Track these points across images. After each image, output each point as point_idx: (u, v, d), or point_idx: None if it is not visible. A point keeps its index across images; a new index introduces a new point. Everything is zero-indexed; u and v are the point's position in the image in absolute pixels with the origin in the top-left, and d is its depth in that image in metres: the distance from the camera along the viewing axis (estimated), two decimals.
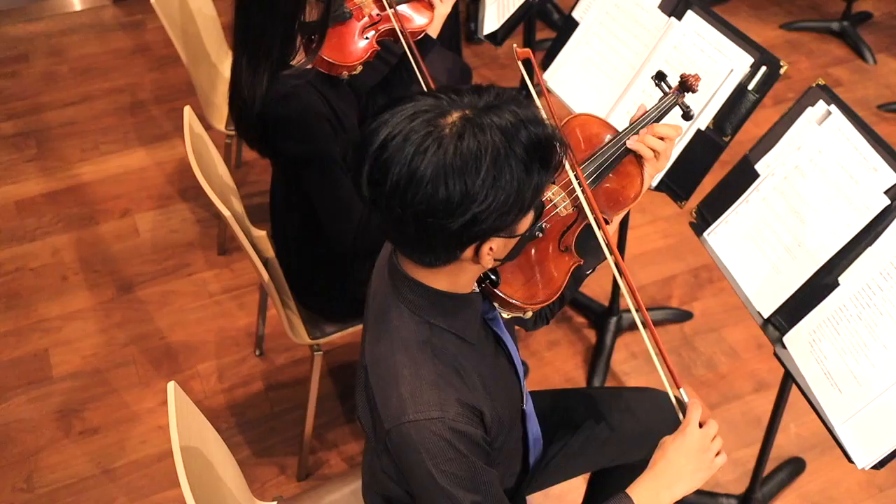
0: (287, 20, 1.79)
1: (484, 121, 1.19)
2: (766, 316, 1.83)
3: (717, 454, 1.45)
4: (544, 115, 1.27)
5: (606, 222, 1.64)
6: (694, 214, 2.04)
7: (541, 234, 1.52)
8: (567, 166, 1.52)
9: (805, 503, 2.37)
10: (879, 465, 1.59)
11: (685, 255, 3.05)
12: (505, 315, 1.53)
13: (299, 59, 1.88)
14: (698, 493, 2.37)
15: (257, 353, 2.75)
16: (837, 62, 3.85)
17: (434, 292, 1.35)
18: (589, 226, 1.57)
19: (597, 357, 2.71)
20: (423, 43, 2.13)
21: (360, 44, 1.96)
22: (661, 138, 1.63)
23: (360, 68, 1.95)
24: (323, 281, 2.15)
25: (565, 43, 2.41)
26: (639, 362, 2.72)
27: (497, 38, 2.61)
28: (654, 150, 1.63)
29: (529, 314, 1.53)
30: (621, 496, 1.43)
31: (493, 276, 1.46)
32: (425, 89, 2.03)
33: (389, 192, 1.19)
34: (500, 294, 1.47)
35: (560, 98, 2.37)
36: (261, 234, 2.40)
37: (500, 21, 2.58)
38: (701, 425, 1.45)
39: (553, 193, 1.60)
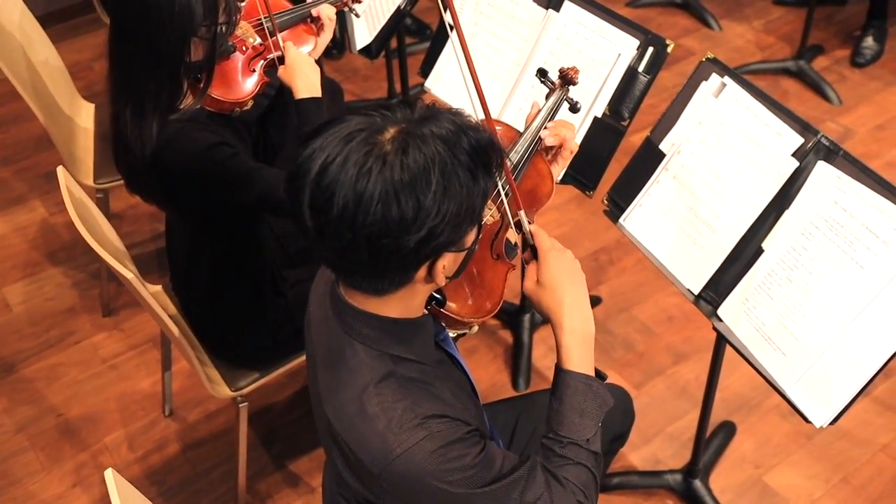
0: (172, 63, 1.67)
1: (423, 132, 1.16)
2: (696, 292, 1.85)
3: None
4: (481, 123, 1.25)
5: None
6: (605, 202, 2.04)
7: (476, 246, 1.50)
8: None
9: (743, 464, 2.43)
10: (835, 420, 1.63)
11: (581, 240, 3.07)
12: (452, 333, 1.51)
13: (187, 102, 1.76)
14: (642, 474, 2.39)
15: (166, 413, 2.58)
16: (686, 33, 3.98)
17: (388, 321, 1.29)
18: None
19: (517, 356, 2.69)
20: None
21: (248, 77, 1.86)
22: (571, 138, 1.67)
23: (251, 103, 1.86)
24: (238, 327, 2.03)
25: (441, 49, 2.37)
26: None
27: (371, 51, 2.55)
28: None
29: (475, 328, 1.53)
30: (560, 375, 1.38)
31: (438, 297, 1.44)
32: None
33: (337, 217, 1.14)
34: (448, 313, 1.46)
35: (448, 104, 2.33)
36: (156, 290, 2.25)
37: (373, 34, 2.52)
38: None
39: None
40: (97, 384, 2.67)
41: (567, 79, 1.75)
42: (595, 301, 2.85)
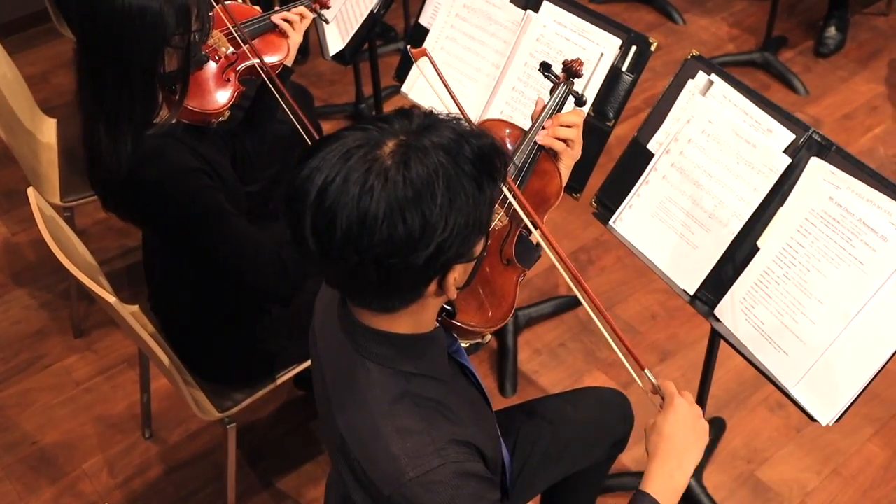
0: (145, 75, 1.61)
1: (424, 143, 1.12)
2: (691, 293, 1.83)
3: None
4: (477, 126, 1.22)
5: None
6: (594, 204, 2.01)
7: (485, 253, 1.48)
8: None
9: (735, 460, 2.42)
10: (840, 417, 1.62)
11: (560, 240, 3.00)
12: (464, 344, 1.48)
13: (162, 114, 1.69)
14: (636, 475, 2.37)
15: (146, 435, 2.51)
16: (651, 28, 3.98)
17: (400, 338, 1.25)
18: (522, 233, 1.58)
19: (503, 361, 2.66)
20: (283, 74, 2.00)
21: (223, 87, 1.81)
22: (568, 126, 1.64)
23: (227, 113, 1.80)
24: (223, 346, 1.97)
25: None
26: (544, 357, 2.69)
27: (345, 57, 2.49)
28: (565, 141, 1.64)
29: (488, 337, 1.51)
30: (637, 496, 1.37)
31: (448, 308, 1.41)
32: (296, 121, 1.89)
33: (341, 240, 1.09)
34: (459, 324, 1.43)
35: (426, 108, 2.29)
36: (134, 310, 2.18)
37: (346, 39, 2.46)
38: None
39: None
40: (72, 408, 2.59)
41: (572, 71, 1.73)
42: (576, 302, 2.83)
